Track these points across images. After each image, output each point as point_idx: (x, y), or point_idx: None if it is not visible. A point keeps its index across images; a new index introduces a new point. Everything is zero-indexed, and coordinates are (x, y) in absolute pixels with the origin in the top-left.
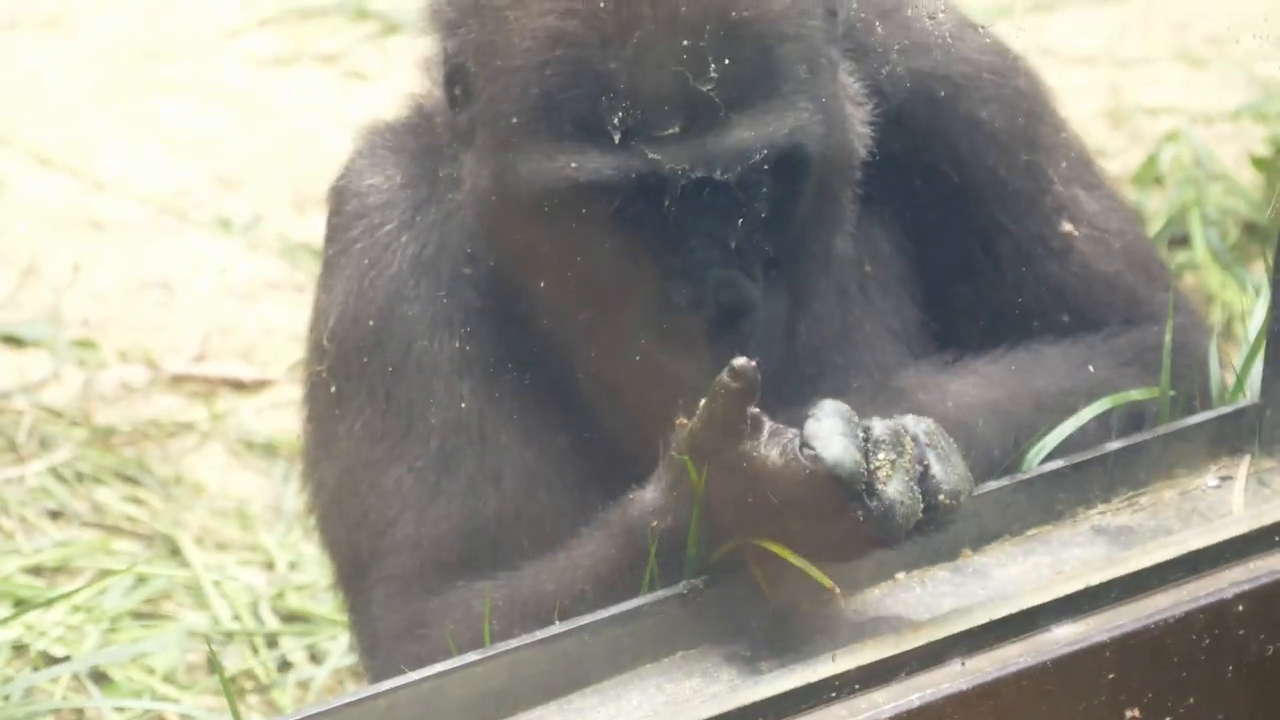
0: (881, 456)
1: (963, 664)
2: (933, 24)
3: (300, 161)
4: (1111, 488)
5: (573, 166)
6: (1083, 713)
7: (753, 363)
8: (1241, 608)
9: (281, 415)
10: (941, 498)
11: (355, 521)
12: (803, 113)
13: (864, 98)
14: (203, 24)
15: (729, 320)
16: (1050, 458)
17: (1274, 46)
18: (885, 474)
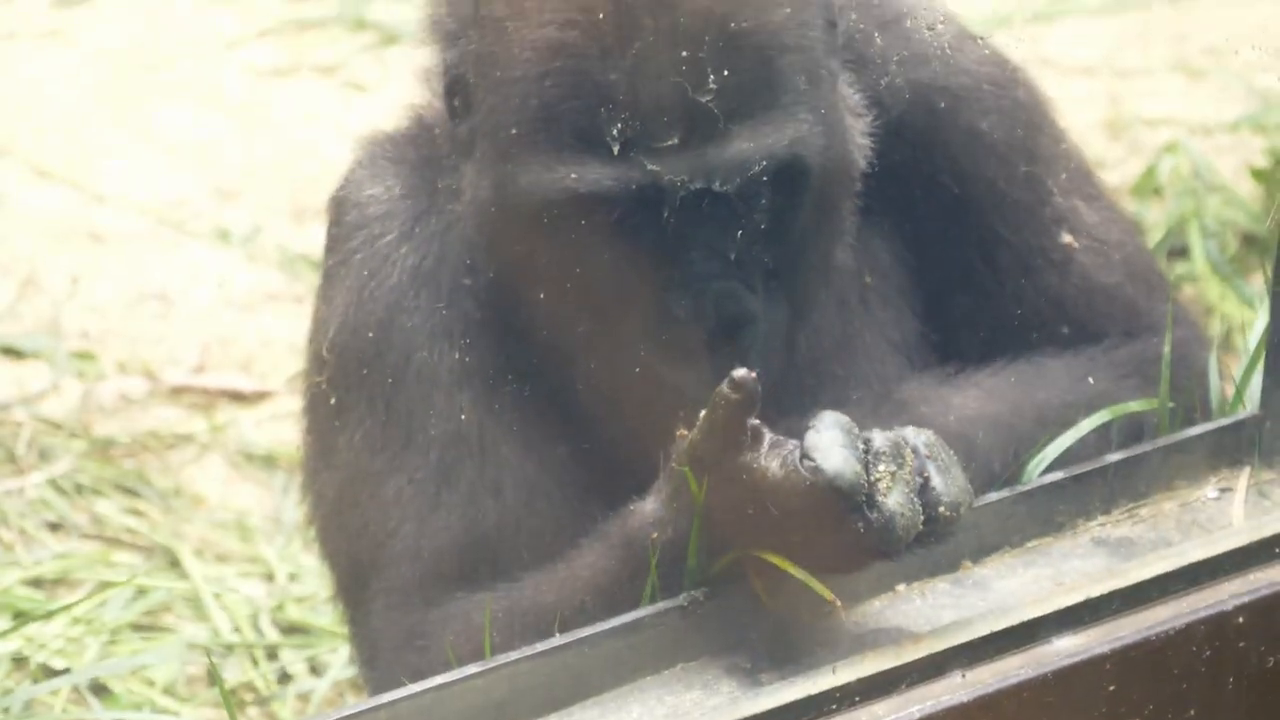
0: (882, 468)
1: (963, 676)
2: (932, 35)
3: (299, 172)
4: (1111, 499)
5: (572, 177)
6: None
7: (753, 374)
8: (1242, 619)
9: (281, 427)
10: (942, 509)
11: (355, 533)
12: (803, 124)
13: (864, 109)
14: (202, 35)
15: (729, 331)
16: (1050, 470)
17: (1272, 58)
18: (885, 486)
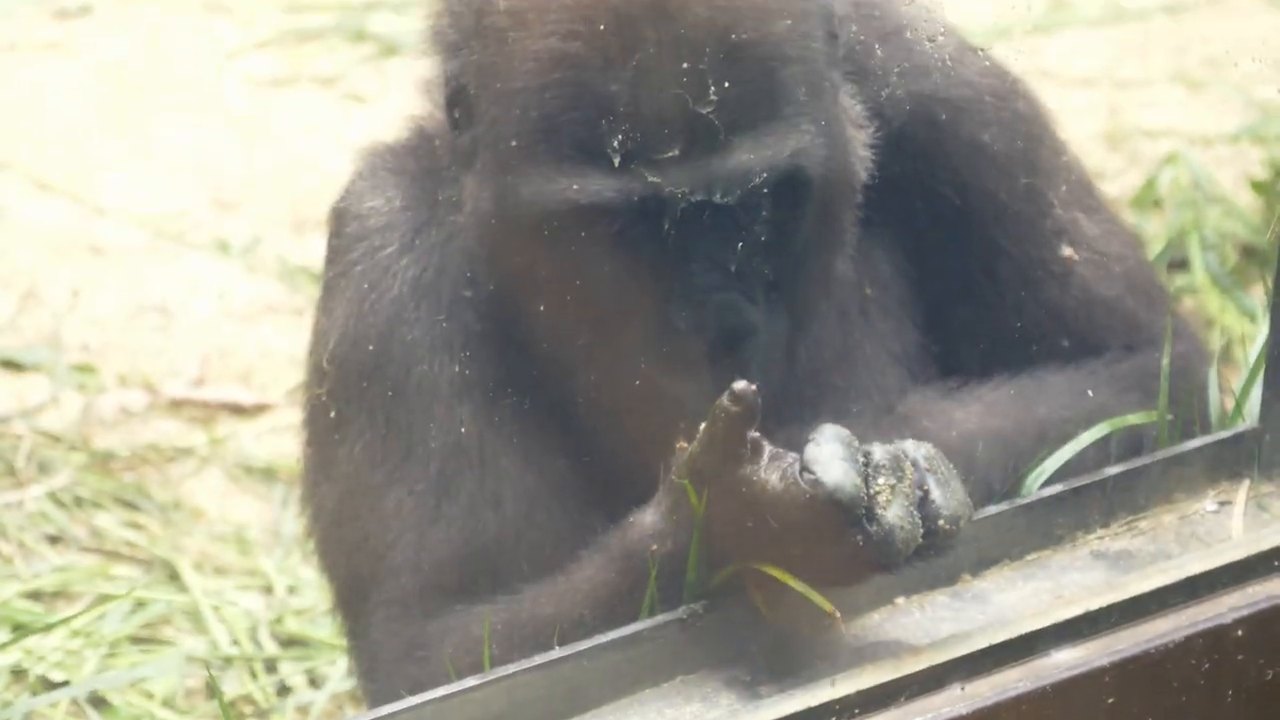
0: (881, 481)
1: (962, 689)
2: (933, 47)
3: (299, 184)
4: (1111, 512)
5: (573, 189)
6: None
7: (753, 386)
8: (1241, 632)
9: (280, 439)
10: (941, 523)
11: (354, 545)
12: (804, 135)
13: (865, 120)
14: (201, 46)
15: (729, 343)
16: (1049, 482)
17: (1272, 70)
18: (885, 499)
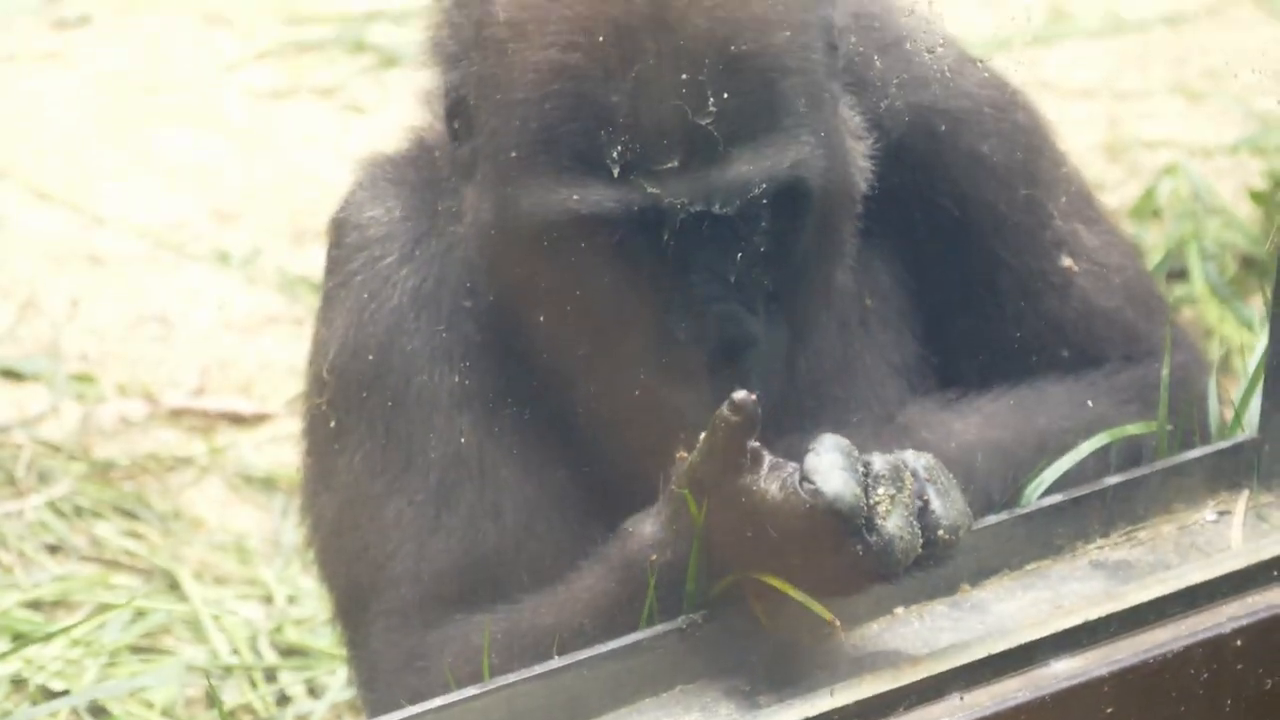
0: (881, 491)
1: (961, 698)
2: (932, 58)
3: (299, 194)
4: (1110, 522)
5: (573, 199)
6: None
7: (753, 396)
8: (1240, 642)
9: (280, 449)
10: (941, 533)
11: (354, 555)
12: (804, 146)
13: (864, 131)
14: (201, 57)
15: (729, 354)
16: (1049, 493)
17: (1272, 81)
18: (885, 509)
